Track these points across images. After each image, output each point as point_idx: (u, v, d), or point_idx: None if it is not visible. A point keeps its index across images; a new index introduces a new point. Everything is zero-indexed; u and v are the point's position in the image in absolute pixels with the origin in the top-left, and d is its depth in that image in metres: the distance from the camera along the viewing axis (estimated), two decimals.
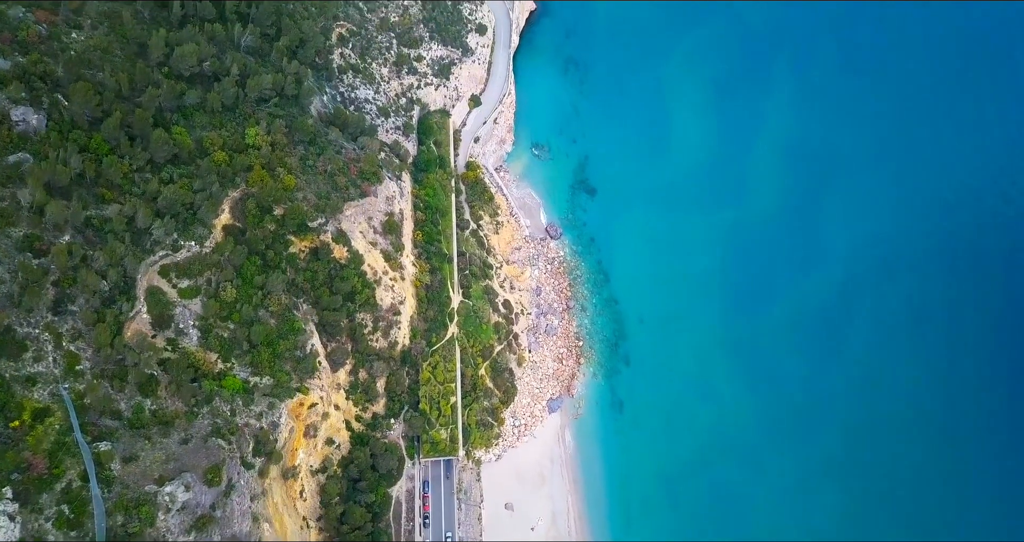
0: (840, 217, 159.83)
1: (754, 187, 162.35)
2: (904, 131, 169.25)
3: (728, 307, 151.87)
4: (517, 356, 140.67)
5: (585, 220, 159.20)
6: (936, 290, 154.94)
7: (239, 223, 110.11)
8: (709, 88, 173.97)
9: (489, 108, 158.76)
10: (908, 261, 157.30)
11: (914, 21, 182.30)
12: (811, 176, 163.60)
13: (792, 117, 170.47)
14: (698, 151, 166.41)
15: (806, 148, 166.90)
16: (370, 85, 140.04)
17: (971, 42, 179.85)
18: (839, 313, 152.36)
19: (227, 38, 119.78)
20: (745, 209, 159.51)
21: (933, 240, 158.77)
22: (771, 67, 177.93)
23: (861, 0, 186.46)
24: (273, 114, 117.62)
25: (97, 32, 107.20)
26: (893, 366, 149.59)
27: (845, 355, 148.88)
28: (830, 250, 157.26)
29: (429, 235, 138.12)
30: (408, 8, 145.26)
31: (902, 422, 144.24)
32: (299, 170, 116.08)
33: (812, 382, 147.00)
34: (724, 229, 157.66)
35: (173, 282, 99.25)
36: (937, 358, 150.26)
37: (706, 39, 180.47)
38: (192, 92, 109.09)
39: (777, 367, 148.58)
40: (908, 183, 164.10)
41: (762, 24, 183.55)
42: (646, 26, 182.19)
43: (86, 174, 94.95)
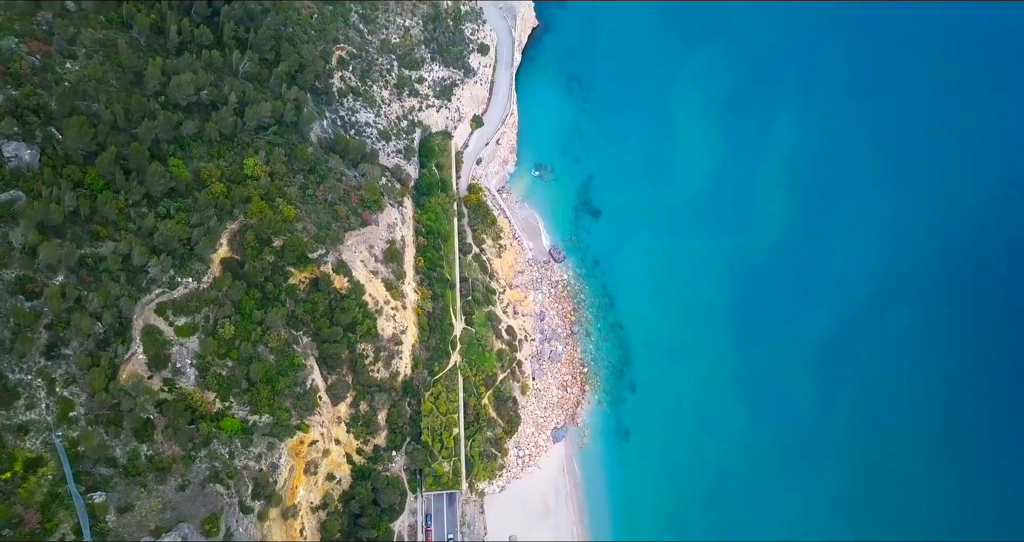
0: (847, 242, 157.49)
1: (760, 210, 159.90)
2: (912, 153, 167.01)
3: (734, 332, 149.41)
4: (521, 384, 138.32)
5: (589, 242, 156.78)
6: (944, 317, 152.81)
7: (237, 256, 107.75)
8: (714, 108, 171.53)
9: (491, 129, 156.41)
10: (917, 287, 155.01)
11: (921, 43, 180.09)
12: (818, 200, 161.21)
13: (798, 139, 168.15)
14: (703, 173, 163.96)
15: (812, 171, 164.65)
16: (371, 108, 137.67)
17: (981, 64, 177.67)
18: (847, 340, 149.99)
19: (225, 64, 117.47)
20: (751, 233, 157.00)
21: (942, 266, 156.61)
22: (776, 87, 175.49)
23: (867, 20, 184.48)
24: (272, 142, 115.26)
25: (92, 61, 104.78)
26: (903, 395, 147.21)
27: (853, 384, 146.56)
28: (837, 275, 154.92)
29: (431, 261, 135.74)
30: (409, 29, 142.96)
31: (912, 454, 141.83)
32: (299, 200, 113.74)
33: (820, 411, 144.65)
34: (730, 253, 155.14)
35: (170, 320, 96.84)
36: (947, 387, 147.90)
37: (711, 59, 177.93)
38: (189, 122, 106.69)
39: (784, 395, 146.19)
40: (916, 207, 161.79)
41: (767, 44, 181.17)
42: (650, 43, 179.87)
43: (80, 211, 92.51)
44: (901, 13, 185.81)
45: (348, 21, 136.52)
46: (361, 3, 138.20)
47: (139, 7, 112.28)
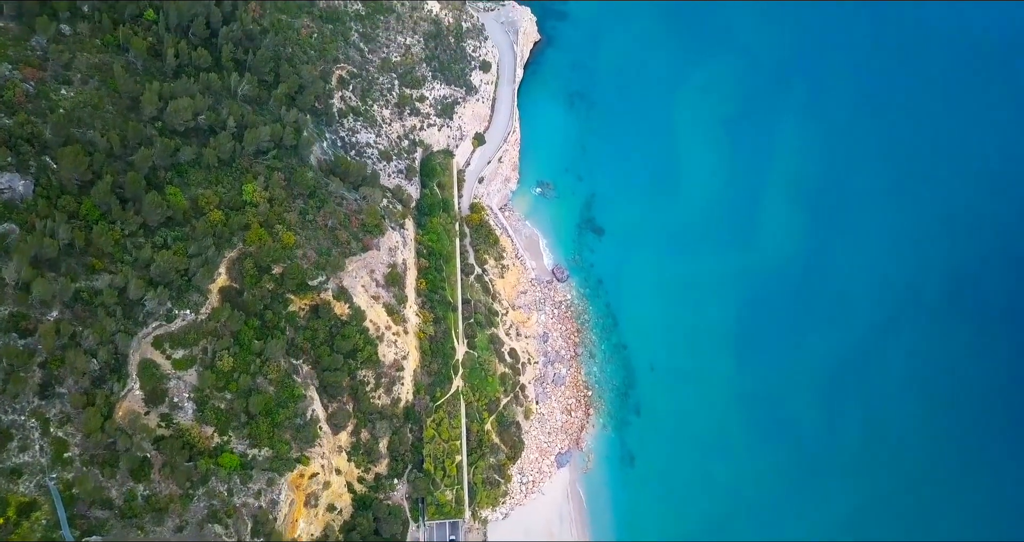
0: (854, 261, 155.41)
1: (766, 228, 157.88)
2: (920, 169, 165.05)
3: (740, 353, 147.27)
4: (524, 408, 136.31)
5: (592, 261, 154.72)
6: (954, 337, 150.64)
7: (236, 284, 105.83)
8: (718, 123, 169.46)
9: (493, 147, 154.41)
10: (926, 307, 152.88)
11: (929, 55, 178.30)
12: (824, 217, 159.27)
13: (803, 155, 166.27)
14: (708, 189, 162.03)
15: (818, 188, 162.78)
16: (371, 128, 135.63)
17: (992, 77, 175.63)
18: (855, 361, 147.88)
19: (223, 87, 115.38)
20: (757, 251, 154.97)
21: (951, 285, 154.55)
22: (781, 102, 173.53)
23: (872, 33, 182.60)
24: (271, 166, 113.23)
25: (87, 86, 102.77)
26: (912, 418, 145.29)
27: (861, 406, 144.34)
28: (844, 294, 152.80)
29: (433, 283, 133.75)
30: (410, 47, 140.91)
31: (922, 478, 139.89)
32: (298, 226, 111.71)
33: (828, 434, 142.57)
34: (736, 272, 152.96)
35: (167, 353, 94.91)
36: (957, 410, 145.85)
37: (715, 73, 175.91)
38: (187, 148, 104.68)
39: (791, 417, 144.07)
40: (924, 224, 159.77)
41: (771, 57, 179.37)
42: (653, 56, 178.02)
43: (75, 244, 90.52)
44: (908, 25, 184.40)
45: (348, 40, 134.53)
46: (361, 22, 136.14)
47: (135, 30, 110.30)
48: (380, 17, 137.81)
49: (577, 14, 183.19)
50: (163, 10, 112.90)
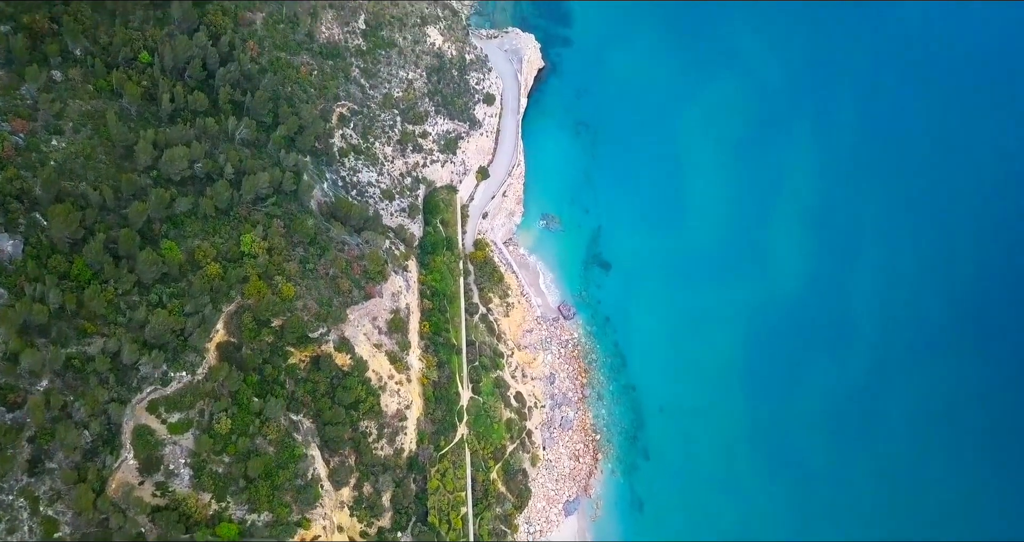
0: (868, 292, 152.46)
1: (774, 259, 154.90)
2: (932, 197, 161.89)
3: (750, 392, 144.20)
4: (531, 455, 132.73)
5: (599, 297, 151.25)
6: (970, 371, 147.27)
7: (234, 338, 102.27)
8: (726, 151, 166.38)
9: (498, 181, 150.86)
10: (940, 340, 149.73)
11: (940, 78, 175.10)
12: (834, 246, 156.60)
13: (812, 181, 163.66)
14: (716, 221, 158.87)
15: (829, 215, 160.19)
16: (373, 166, 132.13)
17: (1005, 99, 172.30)
18: (868, 398, 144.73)
19: (221, 131, 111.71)
20: (767, 285, 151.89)
21: (967, 317, 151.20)
22: (789, 127, 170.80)
23: (881, 57, 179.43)
24: (270, 214, 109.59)
25: (79, 136, 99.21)
26: (929, 456, 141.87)
27: (877, 445, 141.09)
28: (858, 329, 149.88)
29: (436, 325, 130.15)
30: (413, 82, 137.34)
31: (938, 517, 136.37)
32: (299, 276, 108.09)
33: (842, 473, 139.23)
34: (746, 306, 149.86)
35: (162, 417, 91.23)
36: (976, 446, 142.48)
37: (721, 97, 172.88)
38: (183, 199, 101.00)
39: (804, 457, 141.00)
40: (939, 253, 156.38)
41: (779, 82, 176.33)
42: (659, 82, 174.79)
43: (66, 307, 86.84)
44: (917, 46, 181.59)
45: (349, 76, 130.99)
46: (362, 57, 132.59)
47: (129, 74, 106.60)
48: (381, 52, 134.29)
49: (581, 39, 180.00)
50: (158, 52, 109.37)
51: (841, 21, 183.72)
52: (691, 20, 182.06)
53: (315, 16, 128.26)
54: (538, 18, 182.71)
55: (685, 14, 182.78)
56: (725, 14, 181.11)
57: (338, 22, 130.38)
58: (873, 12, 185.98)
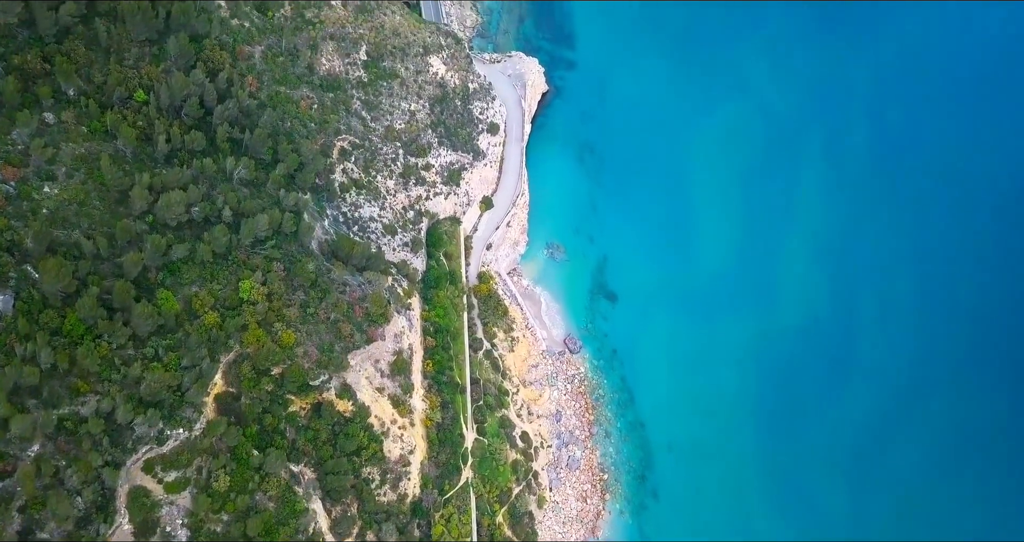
0: (881, 323, 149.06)
1: (785, 289, 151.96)
2: (943, 225, 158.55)
3: (762, 428, 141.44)
4: (538, 497, 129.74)
5: (606, 330, 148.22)
6: (991, 405, 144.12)
7: (233, 388, 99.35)
8: (733, 177, 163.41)
9: (502, 211, 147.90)
10: (959, 374, 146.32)
11: (950, 97, 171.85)
12: (847, 277, 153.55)
13: (822, 209, 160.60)
14: (724, 249, 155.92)
15: (840, 245, 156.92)
16: (375, 201, 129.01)
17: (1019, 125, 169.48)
18: (881, 434, 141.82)
19: (218, 170, 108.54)
20: (776, 317, 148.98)
21: (985, 350, 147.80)
22: (798, 151, 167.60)
23: (890, 77, 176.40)
24: (270, 257, 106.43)
25: (73, 181, 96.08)
26: (944, 497, 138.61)
27: (893, 483, 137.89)
28: (872, 362, 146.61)
29: (440, 363, 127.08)
30: (415, 113, 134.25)
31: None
32: (299, 321, 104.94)
33: (854, 513, 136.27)
34: (755, 339, 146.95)
35: (158, 477, 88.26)
36: (993, 486, 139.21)
37: (729, 121, 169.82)
38: (180, 245, 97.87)
39: (815, 495, 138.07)
40: (955, 285, 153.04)
41: (787, 105, 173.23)
42: (665, 106, 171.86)
43: (58, 366, 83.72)
44: (927, 65, 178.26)
45: (350, 109, 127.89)
46: (364, 89, 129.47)
47: (124, 114, 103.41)
48: (383, 83, 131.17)
49: (585, 62, 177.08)
50: (154, 91, 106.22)
51: (849, 42, 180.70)
52: (697, 41, 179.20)
53: (315, 48, 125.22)
54: (541, 40, 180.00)
55: (690, 35, 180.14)
56: (732, 36, 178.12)
57: (339, 54, 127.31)
58: (880, 32, 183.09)
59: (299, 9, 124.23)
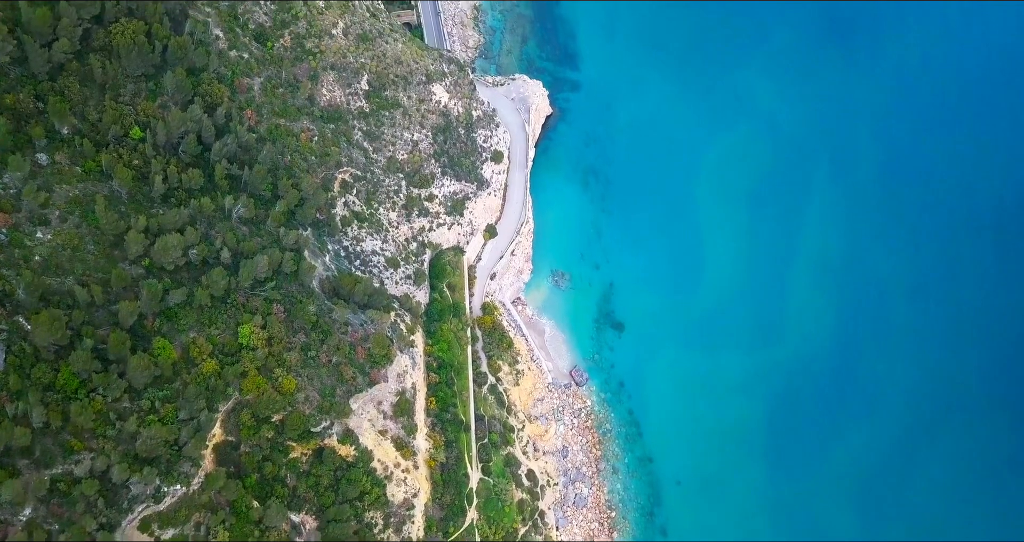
0: (894, 353, 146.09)
1: (794, 319, 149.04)
2: (956, 252, 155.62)
3: (770, 461, 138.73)
4: (544, 537, 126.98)
5: (613, 361, 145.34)
6: (1011, 438, 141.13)
7: (232, 437, 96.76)
8: (740, 202, 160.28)
9: (506, 240, 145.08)
10: (976, 404, 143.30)
11: (963, 123, 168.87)
12: (860, 305, 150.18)
13: (832, 235, 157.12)
14: (733, 277, 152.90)
15: (850, 274, 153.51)
16: (377, 234, 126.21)
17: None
18: (899, 468, 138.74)
19: (217, 209, 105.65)
20: (785, 345, 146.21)
21: (1003, 379, 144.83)
22: (806, 176, 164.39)
23: (900, 100, 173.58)
24: (269, 298, 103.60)
25: (67, 225, 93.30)
26: (955, 526, 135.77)
27: (909, 519, 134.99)
28: (885, 392, 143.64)
29: (444, 400, 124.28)
30: (418, 143, 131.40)
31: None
32: (300, 365, 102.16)
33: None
34: (764, 370, 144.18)
35: (155, 534, 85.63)
36: (1007, 516, 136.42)
37: (736, 144, 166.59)
38: (177, 291, 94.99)
39: (827, 530, 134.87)
40: (971, 312, 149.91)
41: (795, 128, 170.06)
42: (671, 129, 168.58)
43: (51, 423, 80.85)
44: (941, 89, 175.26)
45: (352, 140, 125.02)
46: (365, 119, 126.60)
47: (120, 152, 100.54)
48: (385, 113, 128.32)
49: (590, 83, 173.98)
50: (151, 128, 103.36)
51: (855, 61, 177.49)
52: (701, 60, 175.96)
53: (316, 79, 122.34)
54: (545, 61, 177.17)
55: (695, 55, 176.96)
56: (737, 56, 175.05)
57: (340, 84, 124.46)
58: (888, 52, 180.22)
59: (299, 39, 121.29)
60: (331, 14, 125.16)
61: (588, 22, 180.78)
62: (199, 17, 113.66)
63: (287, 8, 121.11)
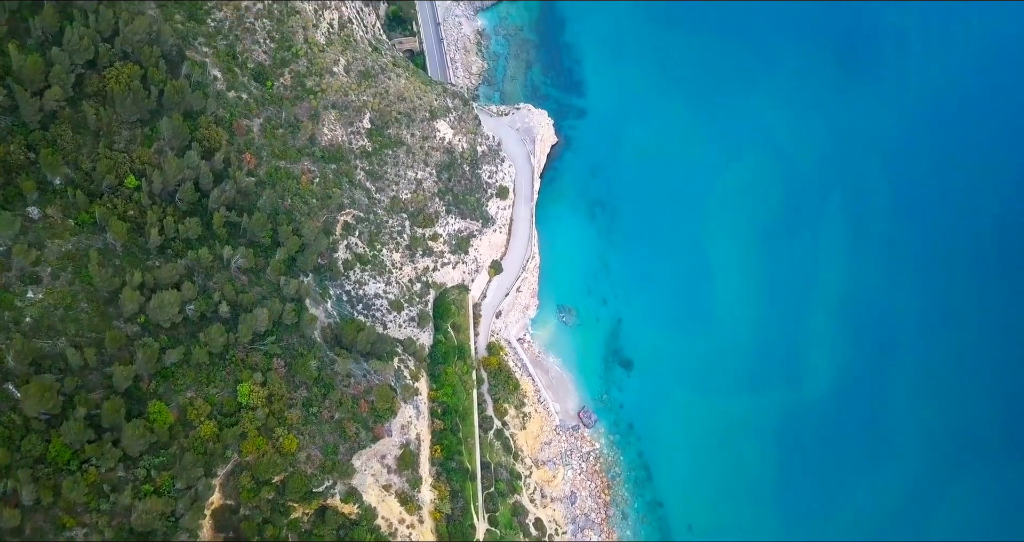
0: (910, 397, 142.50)
1: (808, 359, 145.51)
2: (975, 289, 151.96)
3: (787, 508, 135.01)
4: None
5: (622, 401, 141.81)
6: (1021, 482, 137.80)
7: (231, 501, 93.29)
8: (752, 235, 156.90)
9: (511, 276, 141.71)
10: (994, 449, 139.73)
11: (977, 154, 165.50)
12: (872, 346, 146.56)
13: (847, 272, 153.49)
14: (744, 313, 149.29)
15: (864, 311, 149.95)
16: (380, 276, 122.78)
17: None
18: (914, 515, 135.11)
19: (215, 258, 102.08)
20: (799, 388, 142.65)
21: (1017, 424, 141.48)
22: (819, 209, 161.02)
23: (912, 130, 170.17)
24: (270, 353, 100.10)
25: (59, 282, 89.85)
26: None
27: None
28: (901, 438, 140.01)
29: (449, 448, 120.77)
30: (422, 182, 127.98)
31: None
32: (301, 423, 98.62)
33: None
34: (777, 412, 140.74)
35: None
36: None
37: (746, 176, 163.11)
38: (174, 350, 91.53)
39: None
40: (989, 353, 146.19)
41: (806, 157, 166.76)
42: (679, 159, 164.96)
43: (42, 500, 77.35)
44: (949, 123, 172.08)
45: (354, 181, 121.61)
46: (368, 158, 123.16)
47: (115, 203, 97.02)
48: (388, 151, 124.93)
49: (596, 110, 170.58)
50: (146, 176, 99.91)
51: (868, 89, 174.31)
52: (711, 89, 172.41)
53: (316, 118, 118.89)
54: (550, 87, 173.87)
55: (705, 82, 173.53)
56: (747, 85, 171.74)
57: (341, 123, 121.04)
58: (901, 79, 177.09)
59: (299, 78, 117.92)
60: (332, 51, 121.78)
61: (594, 48, 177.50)
62: (197, 58, 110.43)
63: (287, 46, 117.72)
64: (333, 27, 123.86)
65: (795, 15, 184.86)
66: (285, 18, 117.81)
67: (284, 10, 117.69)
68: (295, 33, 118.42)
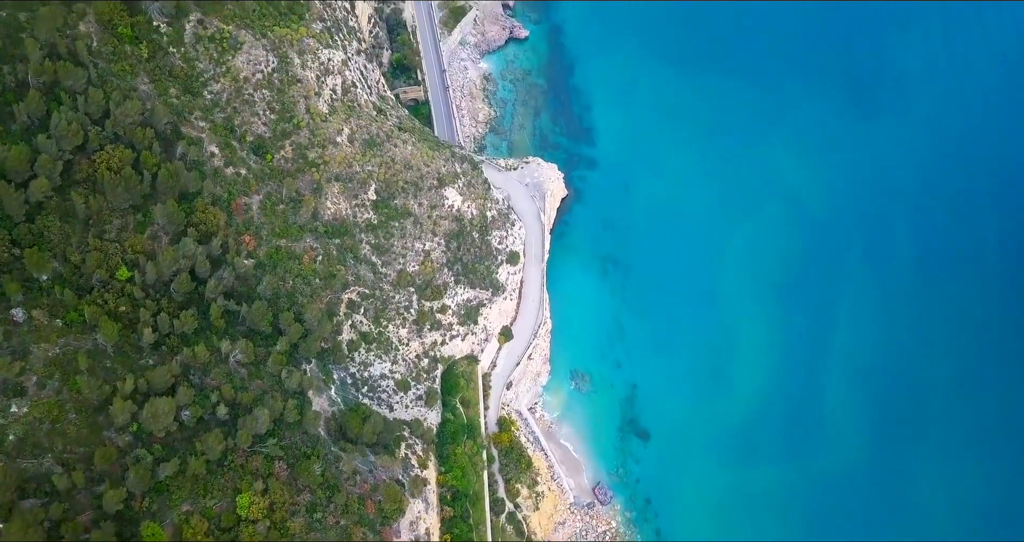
0: (940, 468, 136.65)
1: (832, 427, 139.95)
2: (1001, 348, 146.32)
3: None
4: None
5: (638, 475, 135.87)
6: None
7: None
8: (770, 295, 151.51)
9: (522, 343, 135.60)
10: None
11: (997, 206, 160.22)
12: (897, 415, 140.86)
13: (870, 333, 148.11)
14: (764, 376, 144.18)
15: (888, 374, 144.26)
16: (386, 355, 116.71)
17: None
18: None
19: (212, 353, 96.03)
20: (823, 457, 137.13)
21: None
22: (840, 266, 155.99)
23: (934, 177, 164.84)
24: (271, 455, 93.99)
25: (45, 392, 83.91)
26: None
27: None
28: (929, 511, 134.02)
29: (459, 536, 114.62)
30: (430, 253, 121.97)
31: None
32: (305, 531, 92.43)
33: None
34: (802, 483, 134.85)
35: None
36: None
37: (762, 229, 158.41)
38: (168, 463, 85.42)
39: None
40: (1010, 416, 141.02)
41: (824, 208, 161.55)
42: (692, 211, 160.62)
43: None
44: (973, 169, 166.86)
45: (359, 256, 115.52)
46: (373, 231, 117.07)
47: (106, 298, 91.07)
48: (395, 223, 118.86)
49: (607, 160, 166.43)
50: (139, 268, 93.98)
51: (886, 137, 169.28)
52: (725, 137, 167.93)
53: (319, 191, 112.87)
54: (559, 135, 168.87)
55: (719, 128, 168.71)
56: (761, 132, 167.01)
57: (345, 195, 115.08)
58: (920, 124, 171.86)
59: (301, 150, 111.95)
60: (336, 120, 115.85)
61: (604, 92, 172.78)
62: (192, 134, 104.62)
63: (288, 117, 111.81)
64: (336, 93, 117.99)
65: (809, 56, 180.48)
66: (286, 87, 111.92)
67: (285, 79, 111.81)
68: (296, 103, 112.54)
